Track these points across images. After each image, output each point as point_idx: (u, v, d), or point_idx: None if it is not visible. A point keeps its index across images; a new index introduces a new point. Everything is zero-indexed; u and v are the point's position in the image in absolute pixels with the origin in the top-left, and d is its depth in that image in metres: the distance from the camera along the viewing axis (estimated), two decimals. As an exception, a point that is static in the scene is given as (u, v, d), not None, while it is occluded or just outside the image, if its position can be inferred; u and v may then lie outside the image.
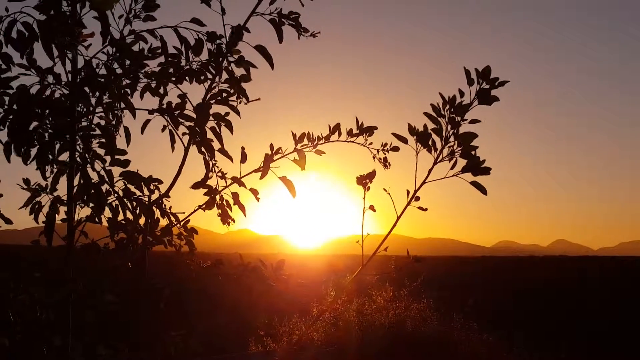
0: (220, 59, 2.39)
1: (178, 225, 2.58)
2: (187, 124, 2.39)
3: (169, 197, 2.46)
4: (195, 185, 2.50)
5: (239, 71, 2.44)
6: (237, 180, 2.50)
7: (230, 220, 2.57)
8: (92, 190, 2.18)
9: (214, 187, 2.52)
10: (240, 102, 2.46)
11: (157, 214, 2.46)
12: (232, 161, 2.45)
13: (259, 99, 2.48)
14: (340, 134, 2.51)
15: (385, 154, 2.50)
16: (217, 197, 2.53)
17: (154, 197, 2.41)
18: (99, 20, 2.12)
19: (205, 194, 2.52)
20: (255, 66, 2.44)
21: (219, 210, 2.55)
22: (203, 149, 2.42)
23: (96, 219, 2.28)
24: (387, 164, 2.50)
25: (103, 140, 2.27)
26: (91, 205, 2.23)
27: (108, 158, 2.26)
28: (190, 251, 2.61)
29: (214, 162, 2.47)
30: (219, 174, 2.50)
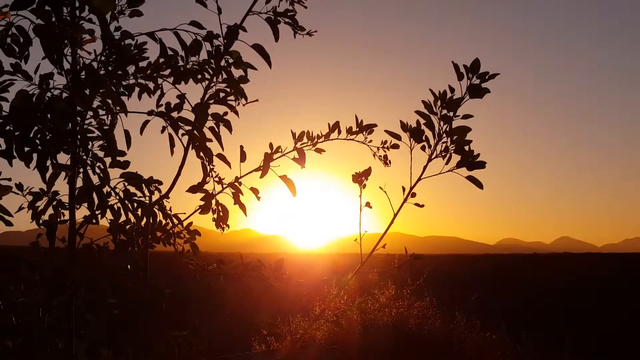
0: (219, 59, 2.37)
1: (180, 226, 2.57)
2: (187, 127, 2.37)
3: (168, 198, 2.45)
4: (192, 189, 2.48)
5: (237, 72, 2.42)
6: (232, 186, 2.48)
7: (225, 226, 2.54)
8: (95, 193, 2.17)
9: (210, 191, 2.50)
10: (239, 104, 2.44)
11: (160, 216, 2.45)
12: (230, 167, 2.44)
13: (256, 100, 2.46)
14: (339, 132, 2.50)
15: (385, 151, 2.49)
16: (213, 201, 2.51)
17: (154, 198, 2.41)
18: (99, 23, 2.10)
19: (201, 199, 2.50)
20: (254, 67, 2.42)
21: (214, 215, 2.52)
22: (201, 154, 2.40)
23: (93, 220, 2.27)
24: (388, 162, 2.48)
25: (103, 142, 2.26)
26: (93, 207, 2.21)
27: (108, 160, 2.25)
28: (193, 253, 2.59)
29: (211, 166, 2.45)
30: (216, 179, 2.49)
